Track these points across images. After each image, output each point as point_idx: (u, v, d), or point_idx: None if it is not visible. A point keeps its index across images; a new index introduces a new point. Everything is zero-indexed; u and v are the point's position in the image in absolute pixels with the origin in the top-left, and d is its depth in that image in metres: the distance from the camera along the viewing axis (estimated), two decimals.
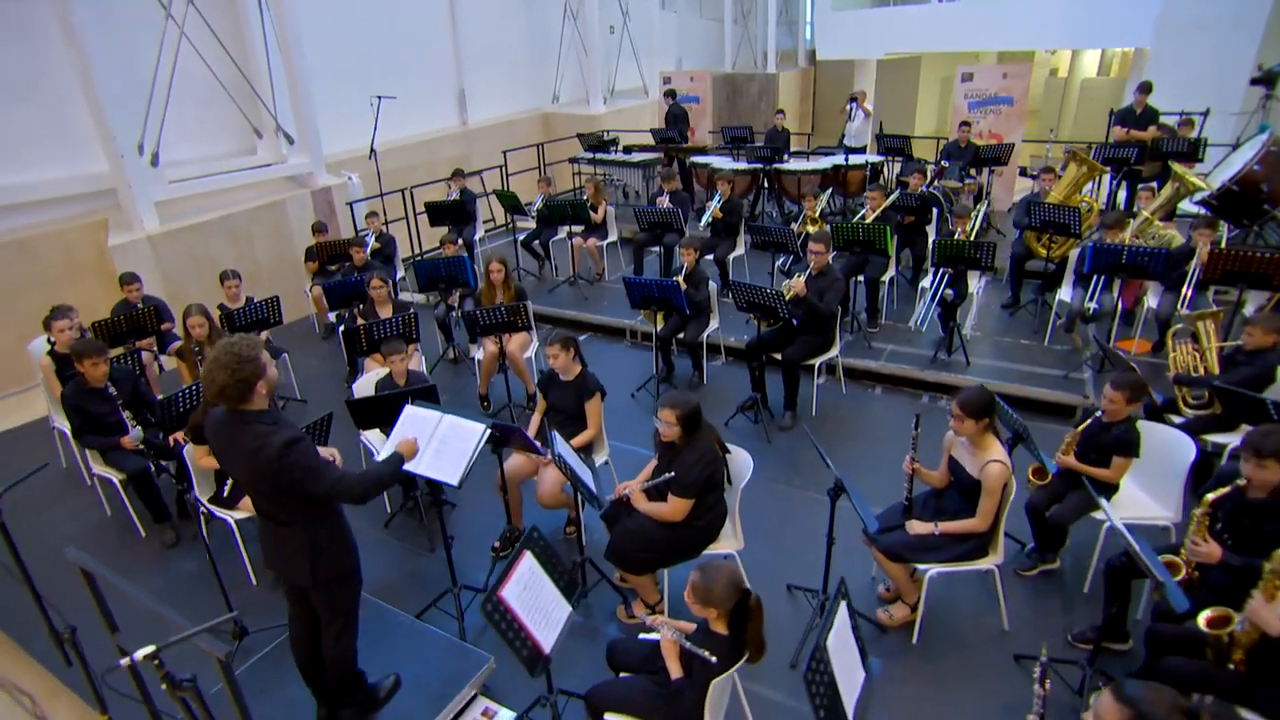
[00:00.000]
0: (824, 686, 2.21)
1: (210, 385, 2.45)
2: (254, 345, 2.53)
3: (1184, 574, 3.04)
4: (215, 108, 8.10)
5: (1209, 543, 2.97)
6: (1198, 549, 2.96)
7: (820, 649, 2.21)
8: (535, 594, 2.81)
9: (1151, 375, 4.66)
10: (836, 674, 2.27)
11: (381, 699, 3.19)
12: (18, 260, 7.03)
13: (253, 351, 2.50)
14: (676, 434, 3.38)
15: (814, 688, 2.15)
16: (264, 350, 2.57)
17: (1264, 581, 2.63)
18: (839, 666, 2.31)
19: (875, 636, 3.60)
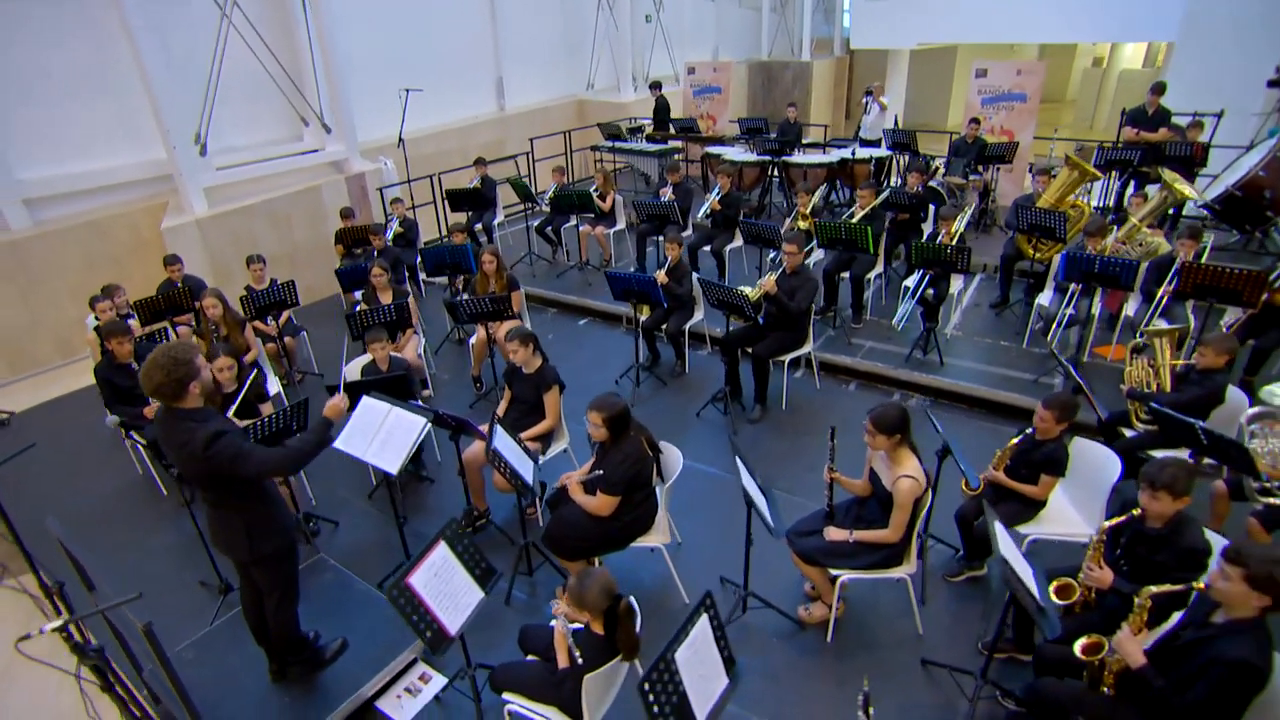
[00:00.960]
0: (672, 696, 2.20)
1: (148, 382, 2.55)
2: (189, 350, 2.61)
3: (1078, 596, 2.90)
4: (262, 99, 8.26)
5: (1102, 569, 2.83)
6: (1091, 574, 2.83)
7: (667, 660, 2.20)
8: (446, 580, 2.87)
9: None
10: (688, 684, 2.26)
11: (327, 659, 3.33)
12: (90, 239, 7.41)
13: (188, 356, 2.58)
14: (603, 435, 3.37)
15: (655, 696, 2.13)
16: (199, 355, 2.65)
17: (1133, 614, 2.49)
18: (694, 676, 2.30)
19: (793, 632, 3.57)
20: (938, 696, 3.21)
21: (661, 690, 2.17)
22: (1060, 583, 2.93)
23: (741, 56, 17.54)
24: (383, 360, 4.60)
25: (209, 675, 3.34)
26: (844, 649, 3.46)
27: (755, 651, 3.47)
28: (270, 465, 2.66)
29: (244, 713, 3.14)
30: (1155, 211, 5.78)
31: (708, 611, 2.39)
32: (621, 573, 3.98)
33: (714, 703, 2.37)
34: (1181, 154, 6.78)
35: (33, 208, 7.22)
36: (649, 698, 2.12)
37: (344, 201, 8.40)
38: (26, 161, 7.13)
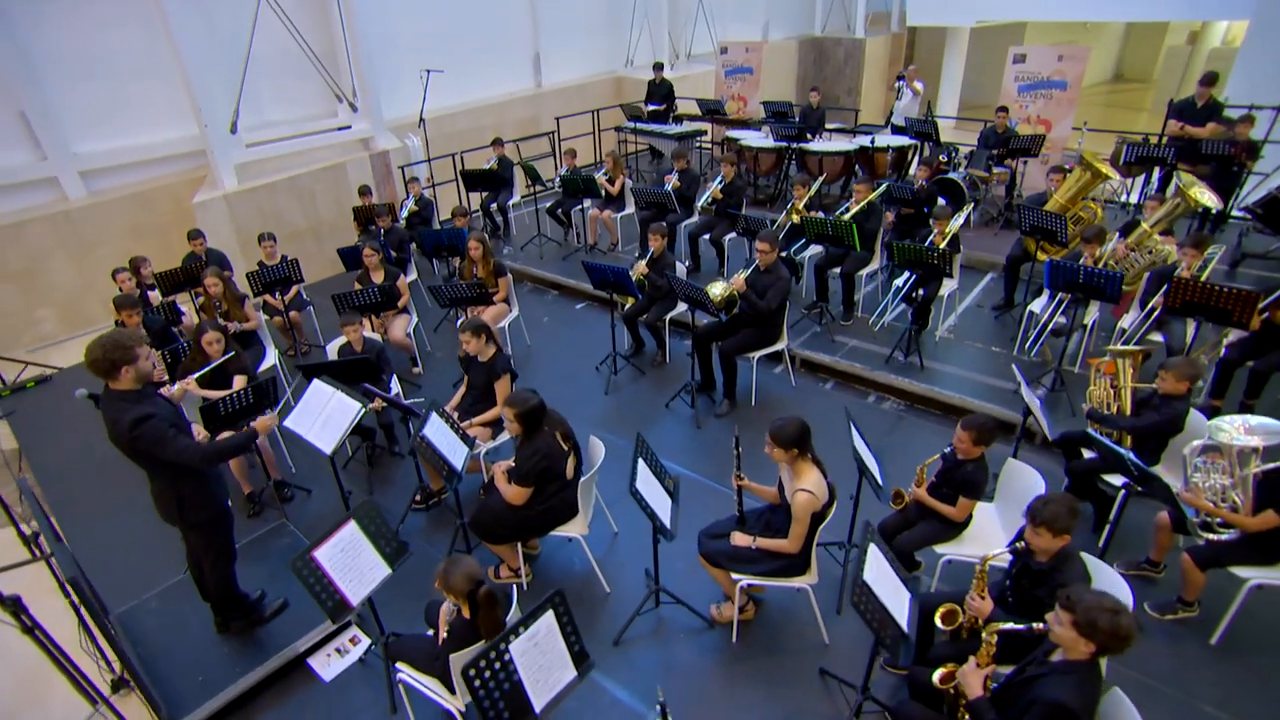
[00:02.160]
0: (504, 683, 2.35)
1: (87, 355, 2.86)
2: (132, 339, 2.89)
3: (960, 622, 2.88)
4: (297, 76, 8.63)
5: (984, 599, 2.80)
6: (972, 604, 2.80)
7: (499, 651, 2.35)
8: (353, 556, 3.10)
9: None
10: (524, 674, 2.41)
11: (266, 617, 3.65)
12: (136, 209, 8.01)
13: (128, 343, 2.86)
14: (517, 429, 3.51)
15: (480, 682, 2.29)
16: (144, 347, 2.92)
17: (982, 647, 2.48)
18: (533, 667, 2.44)
19: (702, 630, 3.66)
20: (828, 707, 3.26)
21: (491, 678, 2.33)
22: (947, 609, 2.91)
23: (793, 33, 16.98)
24: (357, 341, 4.86)
25: (166, 623, 3.72)
26: (747, 651, 3.54)
27: (659, 645, 3.60)
28: (186, 455, 2.92)
29: (186, 658, 3.50)
30: (1168, 218, 5.40)
31: (555, 609, 2.52)
32: (558, 559, 4.18)
33: (555, 693, 2.51)
34: (1219, 152, 6.26)
35: (87, 179, 7.84)
36: (474, 683, 2.28)
37: (368, 179, 8.74)
38: (83, 136, 7.72)
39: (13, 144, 7.35)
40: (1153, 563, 3.80)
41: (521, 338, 6.61)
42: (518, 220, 9.33)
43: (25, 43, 7.07)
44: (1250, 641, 3.44)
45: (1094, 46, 21.50)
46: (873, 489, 3.43)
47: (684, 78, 13.31)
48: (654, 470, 3.40)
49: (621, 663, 3.52)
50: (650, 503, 3.17)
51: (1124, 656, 3.20)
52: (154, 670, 3.44)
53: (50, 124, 7.41)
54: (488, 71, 11.73)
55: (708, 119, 10.37)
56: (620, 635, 3.62)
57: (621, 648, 3.59)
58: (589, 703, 3.34)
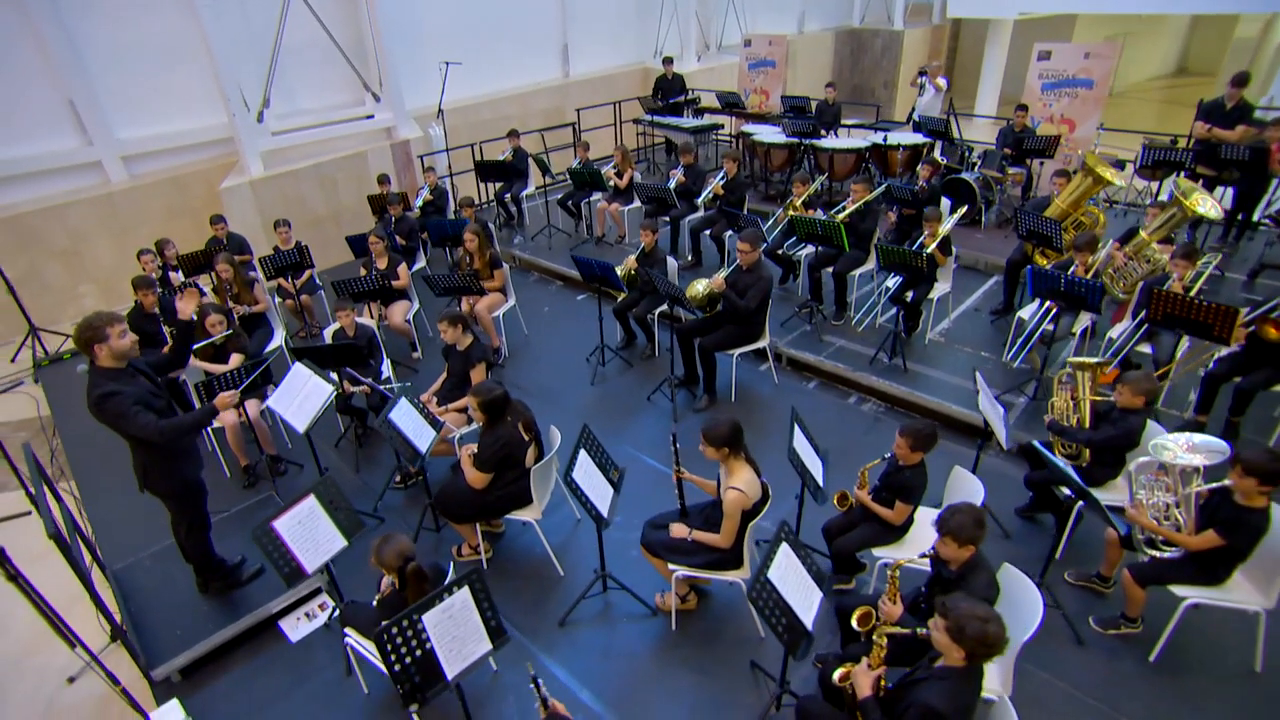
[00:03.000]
0: (415, 650, 2.55)
1: (75, 330, 3.15)
2: (107, 320, 3.17)
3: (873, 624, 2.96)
4: (325, 66, 8.98)
5: (895, 604, 2.87)
6: (884, 607, 2.88)
7: (413, 620, 2.55)
8: (310, 528, 3.35)
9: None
10: (436, 642, 2.60)
11: (243, 580, 3.95)
12: (172, 193, 8.49)
13: (99, 324, 3.15)
14: (480, 418, 3.70)
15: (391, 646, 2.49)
16: (116, 326, 3.20)
17: (874, 650, 2.56)
18: (446, 637, 2.64)
19: (644, 615, 3.81)
20: (753, 698, 3.37)
21: (403, 643, 2.53)
22: (863, 611, 2.98)
23: (830, 24, 16.71)
24: (349, 326, 5.13)
25: (156, 580, 4.05)
26: (684, 639, 3.68)
27: (603, 628, 3.77)
28: (145, 431, 3.18)
29: (169, 612, 3.82)
30: (1166, 226, 5.25)
31: (471, 585, 2.70)
32: (521, 541, 4.38)
33: (468, 663, 2.70)
34: (1238, 157, 6.02)
35: (129, 163, 8.35)
36: (385, 646, 2.48)
37: (389, 167, 9.06)
38: (125, 122, 8.21)
39: (62, 130, 7.87)
40: (1102, 577, 3.78)
41: (519, 327, 6.81)
42: (531, 211, 9.52)
43: (74, 33, 7.55)
44: (1186, 661, 3.42)
45: (1154, 39, 20.56)
46: (810, 490, 3.51)
47: (710, 70, 13.31)
48: (598, 461, 3.56)
49: (564, 642, 3.70)
50: (587, 492, 3.33)
51: (1059, 668, 3.27)
52: (140, 622, 3.77)
53: (96, 111, 7.90)
54: (515, 62, 11.92)
55: (726, 112, 10.36)
56: (566, 616, 3.80)
57: (567, 628, 3.77)
58: (526, 677, 3.53)
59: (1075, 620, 3.63)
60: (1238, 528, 3.11)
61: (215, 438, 5.08)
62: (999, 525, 4.24)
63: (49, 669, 3.89)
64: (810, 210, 6.52)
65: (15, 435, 6.18)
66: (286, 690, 3.57)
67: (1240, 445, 3.28)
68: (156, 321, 5.45)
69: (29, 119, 7.61)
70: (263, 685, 3.61)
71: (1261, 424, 4.64)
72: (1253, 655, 3.35)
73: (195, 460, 3.59)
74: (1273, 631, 3.48)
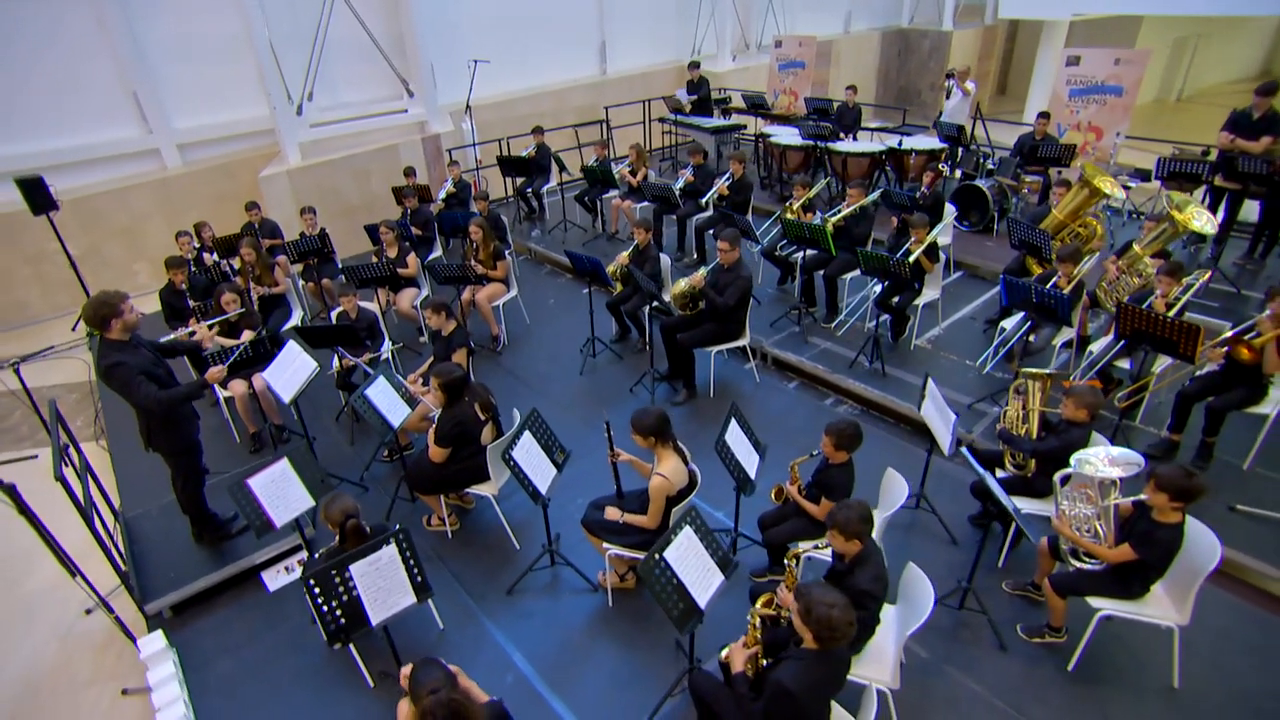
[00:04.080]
0: (343, 596, 2.88)
1: (84, 310, 3.60)
2: (119, 298, 3.62)
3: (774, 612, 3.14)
4: (365, 62, 9.52)
5: (790, 592, 3.03)
6: (780, 594, 3.05)
7: (340, 568, 2.88)
8: (282, 487, 3.75)
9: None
10: (362, 591, 2.93)
11: (232, 534, 4.39)
12: (220, 179, 9.18)
13: (115, 301, 3.60)
14: (440, 397, 4.02)
15: (320, 590, 2.82)
16: (127, 303, 3.64)
17: (749, 630, 2.75)
18: (372, 588, 2.96)
19: (586, 590, 4.07)
20: (671, 672, 3.58)
21: (329, 589, 2.86)
22: (767, 597, 3.17)
23: (878, 24, 16.47)
24: (352, 310, 5.55)
25: (159, 529, 4.54)
26: (618, 615, 3.92)
27: (546, 599, 4.04)
28: (146, 400, 3.62)
29: (165, 557, 4.29)
30: (1160, 240, 5.15)
31: (397, 542, 3.02)
32: (487, 517, 4.70)
33: (392, 613, 3.02)
34: (1254, 170, 5.82)
35: (183, 151, 9.07)
36: (313, 590, 2.82)
37: (419, 160, 9.54)
38: (181, 112, 8.93)
39: (126, 120, 8.63)
40: (1036, 586, 3.83)
41: (521, 317, 7.14)
42: (552, 206, 9.85)
43: (140, 30, 8.27)
44: (1105, 673, 3.46)
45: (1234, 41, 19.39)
46: (737, 482, 3.69)
47: (744, 70, 13.37)
48: (543, 442, 3.82)
49: (509, 609, 4.00)
50: (525, 470, 3.60)
51: (978, 671, 3.37)
52: (141, 563, 4.26)
53: (156, 102, 8.63)
54: (552, 59, 12.26)
55: (751, 113, 10.45)
56: (513, 586, 4.09)
57: (514, 597, 4.07)
58: (469, 636, 3.85)
59: (1003, 627, 3.70)
60: (1150, 542, 3.15)
61: (227, 407, 5.58)
62: (947, 531, 4.32)
63: (71, 601, 4.41)
64: (810, 213, 6.62)
65: (68, 396, 6.89)
66: (259, 633, 3.98)
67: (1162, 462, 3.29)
68: (184, 297, 6.00)
69: (98, 111, 8.37)
70: (239, 627, 4.03)
71: (1241, 446, 4.54)
72: (1170, 672, 3.36)
73: (192, 422, 4.03)
74: (1197, 649, 3.50)
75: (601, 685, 3.54)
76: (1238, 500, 4.24)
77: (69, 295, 8.22)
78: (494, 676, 3.59)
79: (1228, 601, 3.82)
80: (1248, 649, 3.57)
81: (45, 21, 7.82)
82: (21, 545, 4.33)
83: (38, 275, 8.30)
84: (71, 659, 4.16)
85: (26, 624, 4.40)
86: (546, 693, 3.52)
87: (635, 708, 3.40)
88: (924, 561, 3.92)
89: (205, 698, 3.62)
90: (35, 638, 4.30)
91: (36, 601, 4.51)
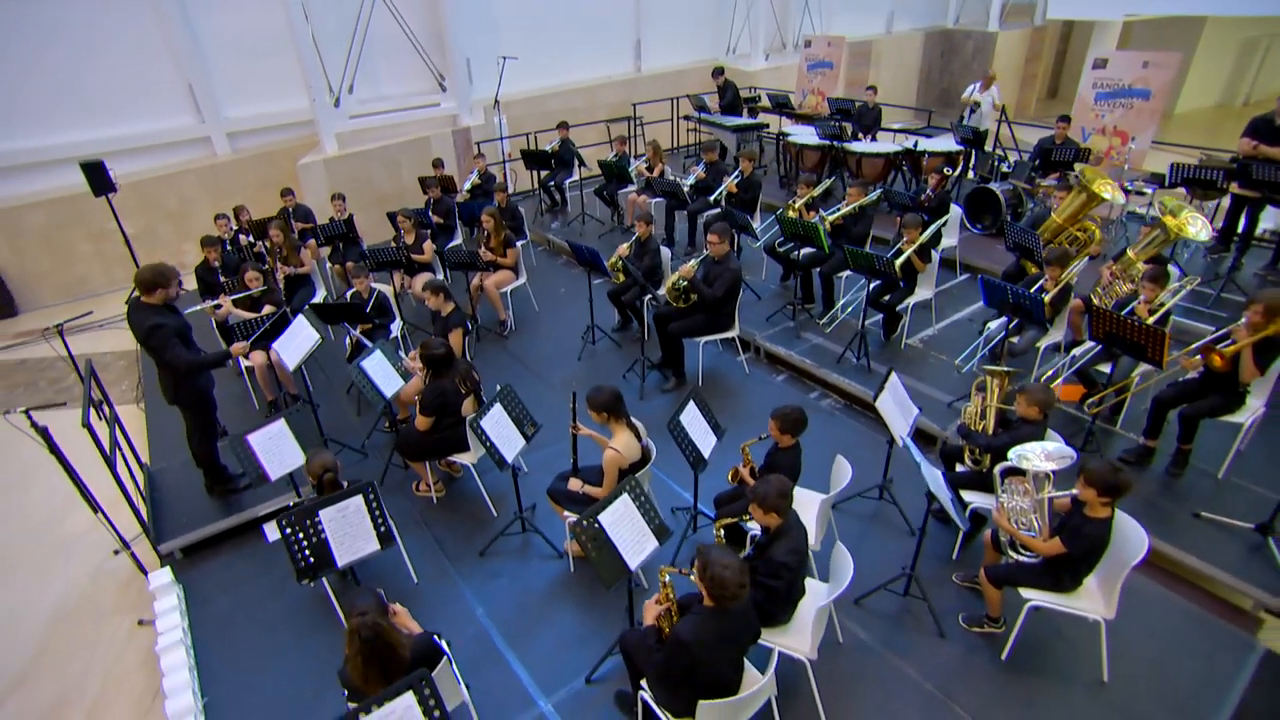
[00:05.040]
0: (312, 538, 3.23)
1: (138, 275, 4.09)
2: (173, 272, 4.11)
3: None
4: (405, 57, 10.05)
5: None
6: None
7: (310, 512, 3.23)
8: (278, 444, 4.16)
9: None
10: (330, 534, 3.27)
11: (239, 488, 4.84)
12: (264, 166, 9.83)
13: (170, 274, 4.09)
14: (423, 369, 4.37)
15: (291, 531, 3.18)
16: (176, 277, 4.13)
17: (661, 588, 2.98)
18: (340, 533, 3.31)
19: (552, 556, 4.36)
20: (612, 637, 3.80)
21: (299, 530, 3.22)
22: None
23: (922, 24, 16.29)
24: (364, 290, 5.95)
25: (178, 480, 5.03)
26: (577, 580, 4.19)
27: (515, 562, 4.35)
28: (176, 361, 4.10)
29: (179, 504, 4.77)
30: (1153, 247, 5.13)
31: (364, 494, 3.36)
32: (471, 486, 5.03)
33: (357, 556, 3.36)
34: (1266, 177, 5.70)
35: (232, 139, 9.75)
36: (284, 529, 3.18)
37: (449, 152, 9.99)
38: (231, 103, 9.60)
39: (181, 110, 9.34)
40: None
41: (530, 304, 7.48)
42: (575, 199, 10.16)
43: (196, 25, 8.94)
44: (1038, 664, 3.56)
45: None
46: (688, 460, 3.90)
47: (777, 69, 13.45)
48: (514, 415, 4.12)
49: (479, 569, 4.32)
50: (492, 438, 3.90)
51: (913, 655, 3.53)
52: (158, 509, 4.75)
53: (209, 93, 9.31)
54: (588, 56, 12.60)
55: (776, 112, 10.56)
56: (485, 548, 4.41)
57: (485, 558, 4.39)
58: (441, 590, 4.18)
59: (946, 616, 3.83)
60: (1078, 536, 3.24)
61: (248, 376, 6.07)
62: (906, 523, 4.44)
63: (102, 544, 4.93)
64: (811, 212, 6.75)
65: (115, 363, 7.56)
66: (255, 577, 4.40)
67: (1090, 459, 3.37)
68: (216, 273, 6.53)
69: (156, 101, 9.10)
70: (239, 571, 4.47)
71: (1220, 455, 4.52)
72: (1100, 665, 3.45)
73: (209, 381, 4.49)
74: (1137, 648, 3.57)
75: (553, 643, 3.82)
76: (1205, 508, 4.24)
77: (124, 271, 8.93)
78: (457, 628, 3.91)
79: (1180, 606, 3.85)
80: (1189, 651, 3.61)
81: (111, 19, 8.54)
82: (63, 495, 4.85)
83: (98, 252, 9.07)
84: (99, 592, 4.68)
85: (64, 561, 4.94)
86: (503, 646, 3.82)
87: (581, 664, 3.66)
88: (880, 550, 4.12)
89: (203, 627, 4.06)
90: (70, 573, 4.83)
91: (73, 543, 5.05)
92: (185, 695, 3.56)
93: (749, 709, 2.88)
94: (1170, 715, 3.31)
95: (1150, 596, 3.90)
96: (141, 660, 4.11)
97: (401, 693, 2.42)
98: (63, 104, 8.60)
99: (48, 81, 8.44)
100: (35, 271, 8.86)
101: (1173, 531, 4.13)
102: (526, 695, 3.54)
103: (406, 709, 2.43)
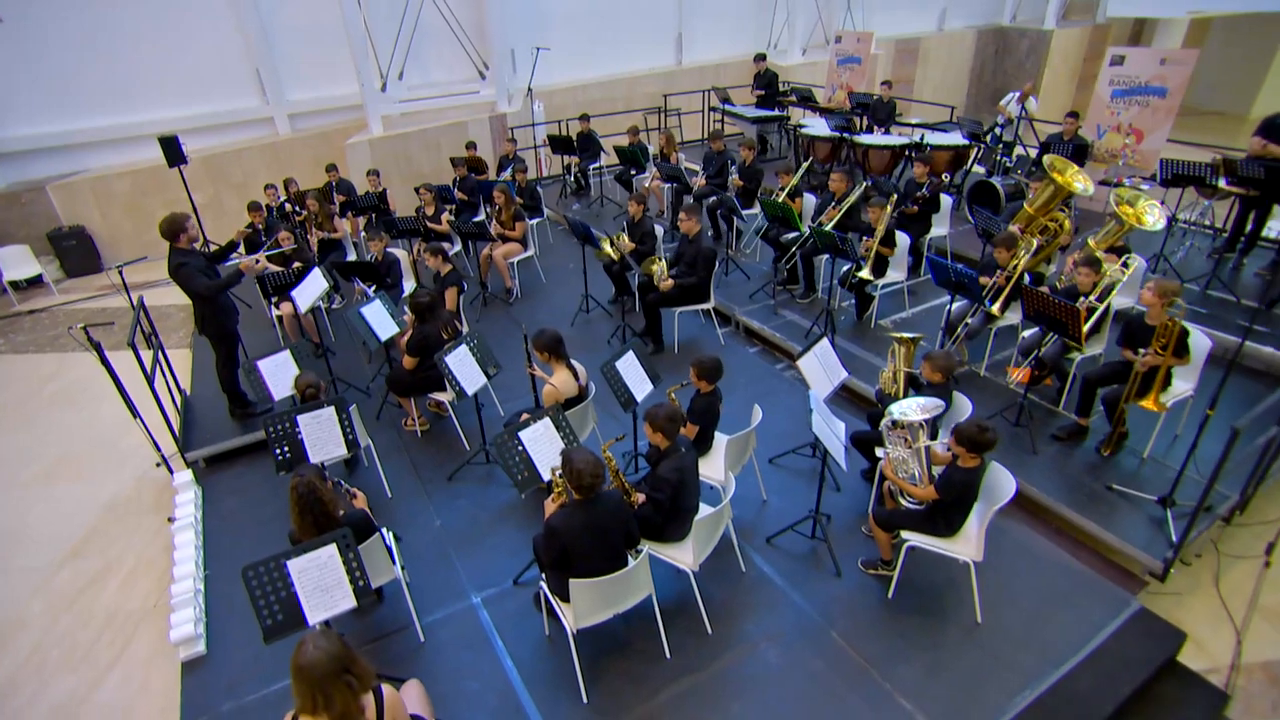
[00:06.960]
0: (289, 440, 3.95)
1: (159, 227, 4.93)
2: (185, 218, 4.92)
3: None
4: (445, 46, 10.89)
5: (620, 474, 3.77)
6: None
7: (289, 419, 3.94)
8: (284, 370, 4.91)
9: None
10: (307, 437, 3.98)
11: (256, 413, 5.66)
12: (319, 145, 10.85)
13: (182, 220, 4.91)
14: (411, 317, 5.05)
15: (257, 584, 3.88)
16: (190, 222, 4.95)
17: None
18: (314, 437, 4.01)
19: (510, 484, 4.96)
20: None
21: (280, 430, 3.93)
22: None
23: (976, 21, 16.11)
24: (379, 253, 6.74)
25: (209, 405, 5.91)
26: (524, 504, 4.77)
27: (477, 491, 4.98)
28: (201, 288, 4.93)
29: (207, 424, 5.65)
30: (1111, 238, 5.30)
31: (337, 407, 4.04)
32: (451, 425, 5.69)
33: (328, 457, 4.05)
34: (1250, 174, 5.74)
35: (293, 120, 10.82)
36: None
37: (485, 135, 10.77)
38: (293, 86, 10.66)
39: (248, 92, 10.45)
40: None
41: (539, 277, 8.13)
42: (599, 184, 10.78)
43: (266, 14, 10.01)
44: (919, 603, 3.92)
45: None
46: (619, 401, 4.40)
47: (813, 64, 13.67)
48: (478, 356, 4.74)
49: (444, 490, 4.97)
50: (455, 373, 4.54)
51: (807, 588, 3.99)
52: (188, 425, 5.63)
53: (274, 77, 10.38)
54: (632, 48, 13.19)
55: (801, 105, 10.87)
56: (453, 474, 5.07)
57: (453, 483, 5.04)
58: (410, 505, 4.85)
59: (846, 560, 4.22)
60: (949, 485, 3.61)
61: (278, 324, 6.96)
62: (834, 480, 4.82)
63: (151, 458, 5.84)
64: (796, 199, 7.14)
65: (177, 314, 8.64)
66: (259, 484, 5.19)
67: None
68: (259, 234, 7.47)
69: (227, 84, 10.22)
70: (249, 482, 5.27)
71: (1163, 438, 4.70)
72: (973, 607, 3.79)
73: (232, 315, 5.34)
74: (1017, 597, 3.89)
75: (493, 552, 4.43)
76: (1124, 484, 4.46)
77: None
78: (415, 534, 4.58)
79: (1073, 567, 4.11)
80: (1067, 604, 3.88)
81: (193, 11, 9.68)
82: (121, 418, 5.78)
83: None
84: (142, 494, 5.58)
85: (119, 468, 5.87)
86: (450, 550, 4.46)
87: (513, 570, 4.25)
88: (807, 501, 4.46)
89: (212, 519, 4.88)
90: (121, 477, 5.76)
91: (127, 454, 5.98)
92: (189, 566, 4.35)
93: (620, 594, 3.39)
94: (1028, 655, 3.63)
95: (1047, 558, 4.18)
96: (166, 546, 4.95)
97: (326, 544, 3.06)
98: (148, 86, 9.81)
99: (137, 66, 9.66)
100: (120, 233, 10.13)
101: (1081, 500, 4.38)
102: (461, 589, 4.16)
103: (329, 558, 3.07)
